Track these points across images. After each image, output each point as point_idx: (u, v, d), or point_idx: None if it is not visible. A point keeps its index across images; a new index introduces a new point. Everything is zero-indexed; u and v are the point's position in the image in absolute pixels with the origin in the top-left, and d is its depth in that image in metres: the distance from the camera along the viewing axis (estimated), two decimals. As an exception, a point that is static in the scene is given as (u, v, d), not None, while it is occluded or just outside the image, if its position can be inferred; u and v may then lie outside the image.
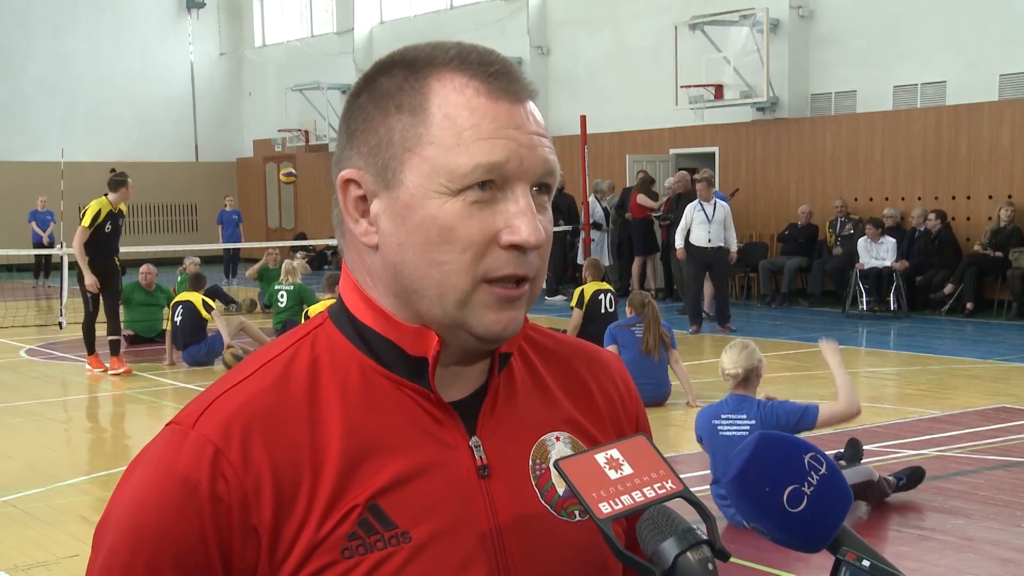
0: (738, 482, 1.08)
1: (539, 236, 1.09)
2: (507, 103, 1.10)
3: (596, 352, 1.31)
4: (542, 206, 1.12)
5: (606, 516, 1.00)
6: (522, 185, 1.09)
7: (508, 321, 1.10)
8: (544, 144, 1.12)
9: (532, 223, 1.08)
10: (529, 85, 1.13)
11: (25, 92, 25.95)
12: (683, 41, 16.97)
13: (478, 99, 1.09)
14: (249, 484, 1.06)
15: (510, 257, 1.08)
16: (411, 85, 1.10)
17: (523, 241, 1.07)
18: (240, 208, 23.81)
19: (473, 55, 1.11)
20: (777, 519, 1.08)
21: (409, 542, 1.08)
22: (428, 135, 1.08)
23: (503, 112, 1.09)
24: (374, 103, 1.12)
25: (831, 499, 1.09)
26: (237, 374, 1.14)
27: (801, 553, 1.10)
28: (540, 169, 1.11)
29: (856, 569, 1.08)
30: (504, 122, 1.09)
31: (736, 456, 1.10)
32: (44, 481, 6.80)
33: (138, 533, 1.07)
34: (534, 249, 1.09)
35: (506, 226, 1.08)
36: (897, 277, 14.05)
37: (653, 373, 8.47)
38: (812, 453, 1.10)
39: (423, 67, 1.11)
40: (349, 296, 1.17)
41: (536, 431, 1.19)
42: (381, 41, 24.21)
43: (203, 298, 11.57)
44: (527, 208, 1.08)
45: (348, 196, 1.13)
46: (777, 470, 1.08)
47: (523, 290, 1.11)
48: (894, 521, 5.63)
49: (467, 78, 1.10)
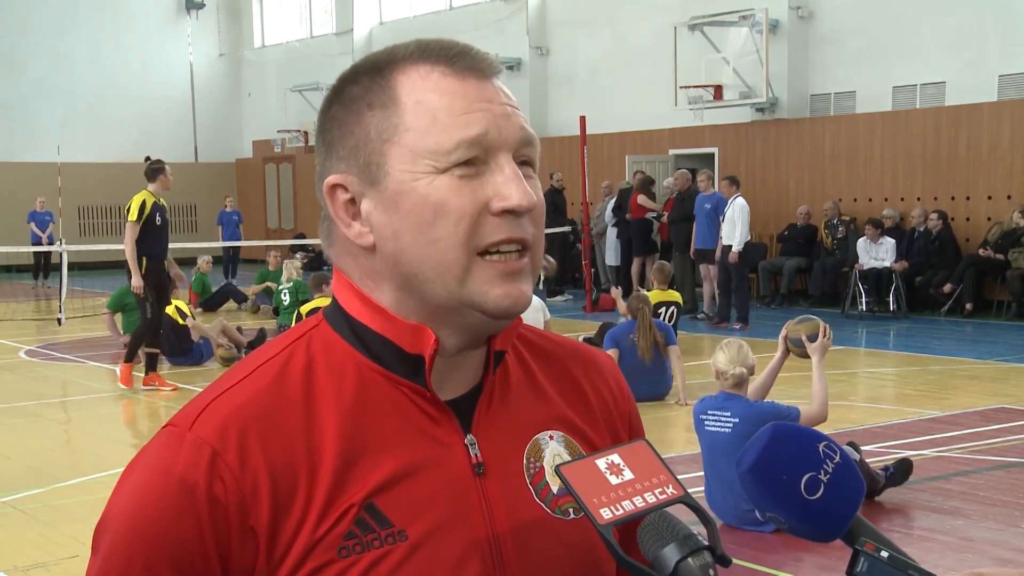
0: (754, 472, 1.09)
1: (531, 199, 1.09)
2: (474, 80, 1.11)
3: (589, 352, 1.32)
4: (528, 176, 1.12)
5: (607, 522, 1.00)
6: (504, 153, 1.10)
7: (517, 295, 1.11)
8: (518, 114, 1.13)
9: (522, 187, 1.09)
10: (494, 63, 1.14)
11: (25, 92, 25.94)
12: (682, 41, 16.97)
13: (445, 80, 1.11)
14: (246, 485, 1.07)
15: (503, 222, 1.09)
16: (378, 84, 1.12)
17: (515, 205, 1.08)
18: (239, 209, 23.81)
19: (432, 44, 1.13)
20: (796, 507, 1.08)
21: (405, 540, 1.09)
22: (403, 123, 1.10)
23: (472, 89, 1.11)
24: (345, 109, 1.14)
25: (847, 487, 1.10)
26: (233, 376, 1.15)
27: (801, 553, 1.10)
28: (518, 135, 1.12)
29: (874, 560, 1.08)
30: (475, 97, 1.10)
31: (750, 447, 1.10)
32: (44, 482, 6.80)
33: (136, 535, 1.07)
34: (527, 212, 1.10)
35: (495, 194, 1.09)
36: (896, 278, 14.05)
37: (649, 374, 8.58)
38: (825, 442, 1.11)
39: (386, 66, 1.13)
40: (344, 295, 1.17)
41: (530, 429, 1.20)
42: (380, 42, 24.20)
43: (176, 305, 11.46)
44: (513, 174, 1.09)
45: (337, 202, 1.14)
46: (794, 459, 1.09)
47: (524, 261, 1.11)
48: (894, 521, 5.63)
49: (430, 65, 1.12)
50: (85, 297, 17.44)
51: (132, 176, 28.06)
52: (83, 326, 14.44)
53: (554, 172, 17.61)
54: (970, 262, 13.83)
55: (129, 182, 26.72)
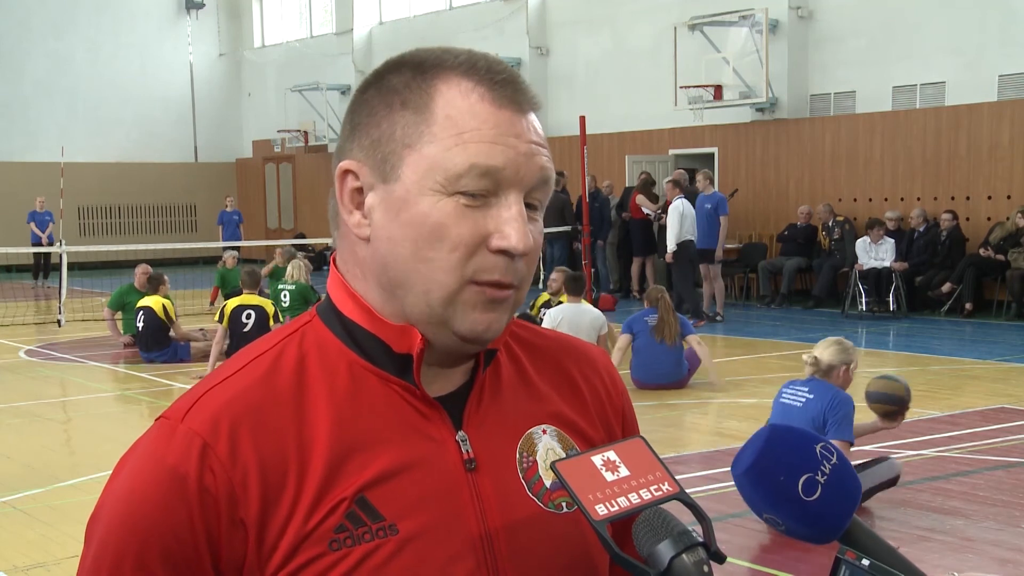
0: (752, 473, 1.09)
1: (527, 243, 1.10)
2: (509, 112, 1.12)
3: (582, 347, 1.33)
4: (532, 218, 1.13)
5: (602, 518, 1.00)
6: (515, 192, 1.11)
7: (491, 322, 1.12)
8: (542, 153, 1.14)
9: (522, 230, 1.10)
10: (534, 97, 1.14)
11: (25, 92, 25.95)
12: (682, 41, 16.97)
13: (482, 104, 1.11)
14: (236, 477, 1.08)
15: (498, 263, 1.10)
16: (418, 84, 1.12)
17: (511, 247, 1.09)
18: (239, 209, 23.83)
19: (482, 62, 1.13)
20: (793, 508, 1.08)
21: (396, 535, 1.09)
22: (429, 133, 1.10)
23: (505, 120, 1.11)
24: (380, 98, 1.14)
25: (843, 488, 1.10)
26: (226, 370, 1.16)
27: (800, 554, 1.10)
28: (536, 176, 1.12)
29: (855, 568, 1.08)
30: (505, 129, 1.10)
31: (748, 448, 1.10)
32: (43, 481, 6.80)
33: (128, 525, 1.08)
34: (522, 256, 1.11)
35: (496, 231, 1.09)
36: (896, 278, 14.06)
37: (667, 357, 9.25)
38: (823, 443, 1.11)
39: (431, 68, 1.13)
40: (336, 293, 1.18)
41: (522, 425, 1.20)
42: (380, 42, 24.21)
43: (164, 304, 11.49)
44: (518, 215, 1.10)
45: (345, 187, 1.15)
46: (791, 459, 1.09)
47: (509, 293, 1.12)
48: (894, 521, 5.63)
49: (473, 83, 1.11)
50: (85, 297, 17.44)
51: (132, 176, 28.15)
52: (83, 326, 14.44)
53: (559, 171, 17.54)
54: (970, 262, 13.83)
55: (129, 182, 26.89)
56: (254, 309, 10.47)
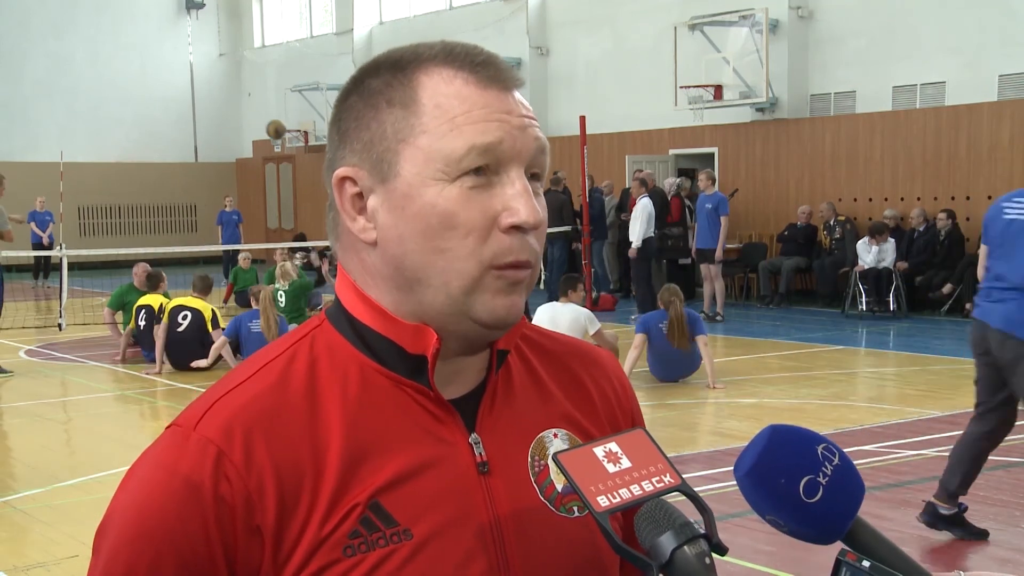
0: (752, 476, 1.08)
1: (537, 216, 1.10)
2: (496, 90, 1.11)
3: (591, 350, 1.32)
4: (535, 191, 1.13)
5: (604, 509, 1.00)
6: (516, 167, 1.11)
7: (512, 304, 1.12)
8: (534, 124, 1.14)
9: (530, 204, 1.09)
10: (516, 75, 1.14)
11: (25, 93, 25.95)
12: (682, 41, 16.97)
13: (467, 88, 1.10)
14: (252, 485, 1.06)
15: (513, 243, 1.10)
16: (399, 81, 1.12)
17: (523, 222, 1.09)
18: (239, 209, 23.82)
19: (459, 48, 1.13)
20: (794, 510, 1.08)
21: (411, 539, 1.09)
22: (420, 125, 1.10)
23: (492, 98, 1.11)
24: (364, 101, 1.13)
25: (846, 489, 1.09)
26: (237, 376, 1.14)
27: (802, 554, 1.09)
28: (532, 148, 1.12)
29: (856, 570, 1.08)
30: (495, 107, 1.10)
31: (749, 450, 1.10)
32: (43, 481, 6.80)
33: (141, 535, 1.06)
34: (533, 230, 1.11)
35: (504, 208, 1.09)
36: (896, 278, 14.06)
37: (682, 356, 9.57)
38: (825, 444, 1.11)
39: (409, 63, 1.13)
40: (346, 296, 1.17)
41: (534, 428, 1.20)
42: (380, 42, 24.21)
43: (163, 301, 11.43)
44: (524, 190, 1.10)
45: (344, 194, 1.14)
46: (792, 461, 1.09)
47: (527, 272, 1.12)
48: (894, 521, 5.62)
49: (455, 70, 1.11)
50: (85, 297, 17.44)
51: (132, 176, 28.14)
52: (83, 326, 14.44)
53: (558, 171, 17.49)
54: (970, 262, 13.82)
55: (129, 182, 26.89)
56: (191, 311, 10.94)
